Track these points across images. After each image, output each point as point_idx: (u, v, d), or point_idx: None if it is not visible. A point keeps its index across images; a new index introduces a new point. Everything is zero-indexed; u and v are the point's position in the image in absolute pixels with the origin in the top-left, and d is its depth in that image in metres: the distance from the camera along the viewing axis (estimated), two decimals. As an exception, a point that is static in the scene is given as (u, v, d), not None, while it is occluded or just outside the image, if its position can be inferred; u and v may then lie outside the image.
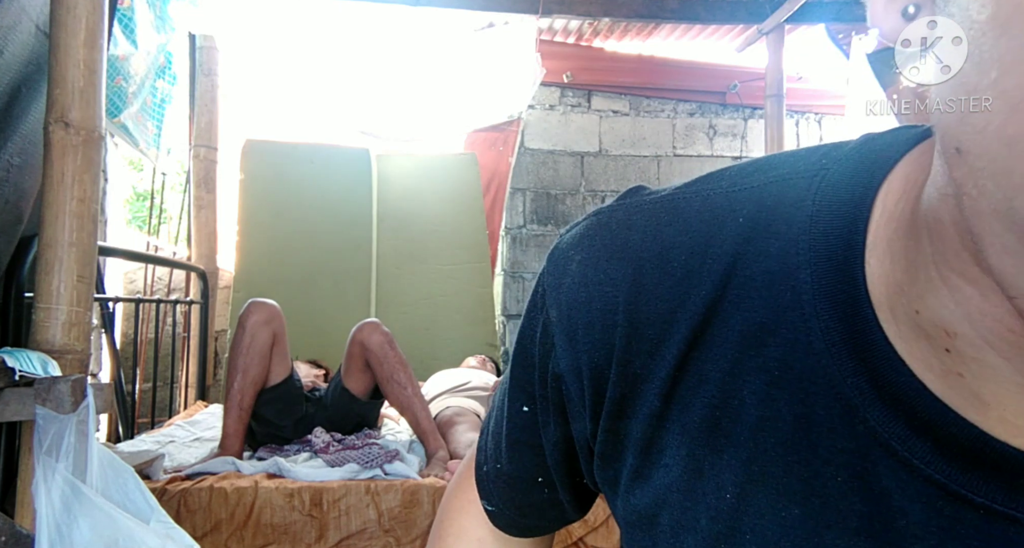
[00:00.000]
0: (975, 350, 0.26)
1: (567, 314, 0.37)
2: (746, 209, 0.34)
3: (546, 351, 0.39)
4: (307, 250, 3.49)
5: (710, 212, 0.35)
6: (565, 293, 0.38)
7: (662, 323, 0.35)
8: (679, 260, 0.35)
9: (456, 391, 2.64)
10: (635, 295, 0.35)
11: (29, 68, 1.58)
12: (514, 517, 0.49)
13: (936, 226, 0.26)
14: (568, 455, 0.43)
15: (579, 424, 0.40)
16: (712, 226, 0.35)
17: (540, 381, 0.41)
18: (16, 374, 1.23)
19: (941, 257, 0.26)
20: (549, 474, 0.45)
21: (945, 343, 0.27)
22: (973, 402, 0.27)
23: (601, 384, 0.37)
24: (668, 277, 0.35)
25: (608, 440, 0.38)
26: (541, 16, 3.52)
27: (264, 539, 1.66)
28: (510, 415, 0.45)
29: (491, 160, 4.03)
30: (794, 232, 0.32)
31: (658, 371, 0.35)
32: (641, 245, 0.36)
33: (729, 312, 0.33)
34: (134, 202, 7.35)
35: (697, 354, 0.34)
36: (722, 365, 0.33)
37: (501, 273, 4.27)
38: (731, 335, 0.33)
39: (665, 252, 0.35)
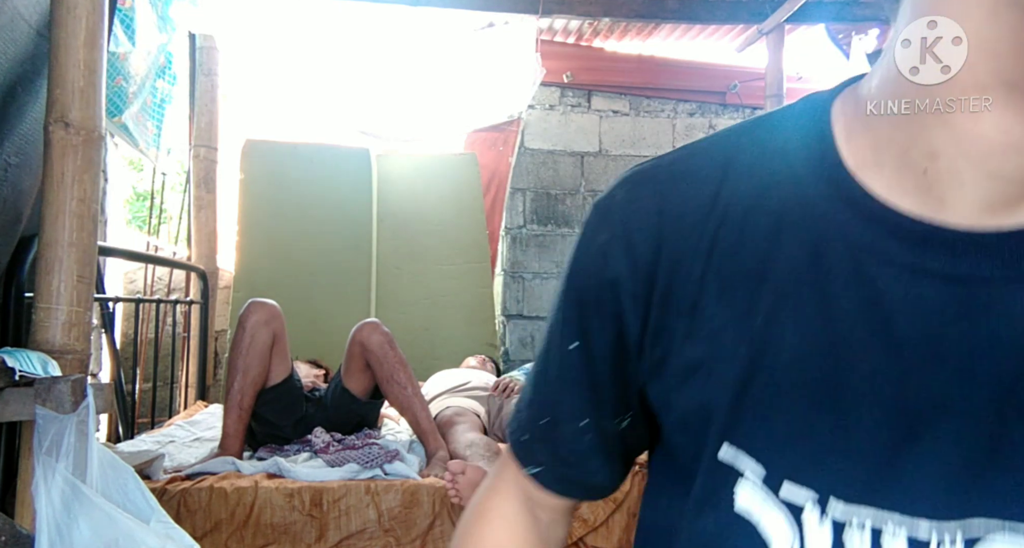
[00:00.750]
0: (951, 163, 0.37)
1: (623, 228, 0.46)
2: (737, 133, 0.48)
3: (600, 267, 0.47)
4: (307, 250, 3.48)
5: (708, 143, 0.48)
6: (617, 215, 0.47)
7: (694, 217, 0.45)
8: (699, 175, 0.46)
9: (456, 391, 2.64)
10: (671, 203, 0.46)
11: (25, 67, 1.58)
12: (560, 470, 0.52)
13: None
14: (616, 364, 0.48)
15: (631, 317, 0.47)
16: (712, 152, 0.47)
17: (595, 300, 0.48)
18: (16, 374, 1.23)
19: None
20: (594, 412, 0.50)
21: (926, 165, 0.38)
22: (936, 207, 0.39)
23: (652, 274, 0.45)
24: (692, 186, 0.46)
25: (659, 317, 0.45)
26: (541, 16, 3.52)
27: (264, 539, 1.66)
28: (559, 358, 0.50)
29: (491, 160, 4.03)
30: (780, 140, 0.45)
31: (698, 249, 0.44)
32: (669, 173, 0.47)
33: (737, 191, 0.44)
34: (134, 202, 7.35)
35: (723, 229, 0.44)
36: (741, 226, 0.43)
37: (501, 273, 4.27)
38: (741, 205, 0.44)
39: (688, 173, 0.47)
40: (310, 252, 3.49)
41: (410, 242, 3.67)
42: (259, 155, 3.61)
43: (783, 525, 0.41)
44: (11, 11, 1.49)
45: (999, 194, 0.37)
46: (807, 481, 0.40)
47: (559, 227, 4.32)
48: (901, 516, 0.38)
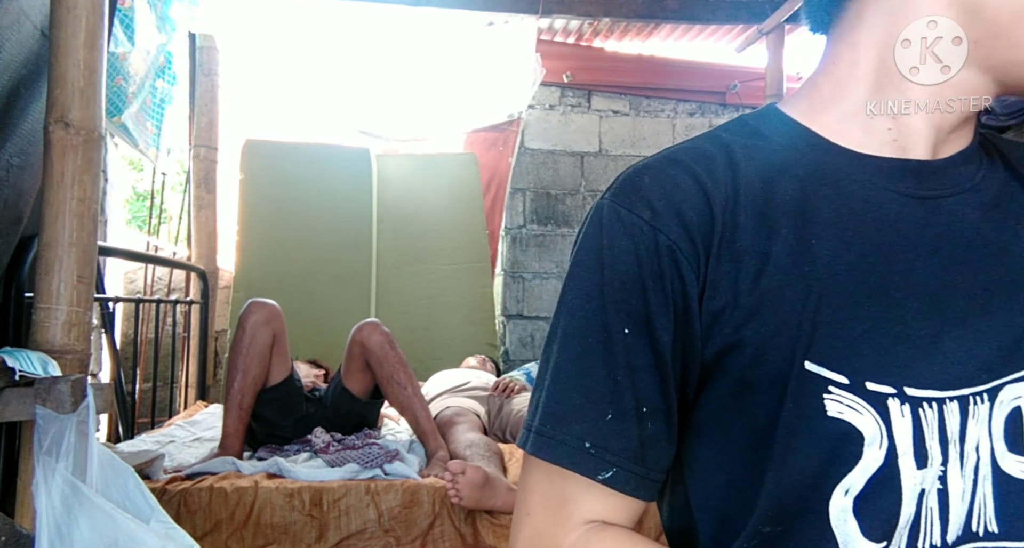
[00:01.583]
0: (907, 121, 0.54)
1: (666, 202, 0.52)
2: (712, 134, 0.58)
3: (651, 241, 0.51)
4: (307, 250, 3.48)
5: (691, 142, 0.57)
6: (654, 193, 0.52)
7: (724, 182, 0.53)
8: (709, 155, 0.55)
9: (456, 391, 2.64)
10: (701, 174, 0.53)
11: (28, 68, 1.58)
12: (629, 466, 0.51)
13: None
14: (678, 334, 0.51)
15: (691, 277, 0.51)
16: (703, 144, 0.56)
17: (652, 274, 0.51)
18: (16, 374, 1.23)
19: (902, 83, 0.54)
20: (658, 392, 0.52)
21: (889, 125, 0.54)
22: (898, 149, 0.54)
23: (707, 234, 0.51)
24: (710, 161, 0.54)
25: (716, 269, 0.51)
26: (541, 16, 3.52)
27: (264, 539, 1.66)
28: (609, 348, 0.51)
29: (491, 160, 4.03)
30: (755, 128, 0.58)
31: (739, 205, 0.52)
32: (682, 156, 0.55)
33: (748, 162, 0.55)
34: (134, 202, 7.35)
35: (750, 188, 0.53)
36: (766, 184, 0.53)
37: (501, 273, 4.27)
38: (759, 172, 0.54)
39: (699, 155, 0.55)
40: (310, 252, 3.49)
41: (410, 242, 3.67)
42: (259, 155, 3.61)
43: (871, 420, 0.47)
44: (16, 11, 1.49)
45: (937, 137, 0.54)
46: (884, 378, 0.48)
47: (559, 227, 4.32)
48: (953, 391, 0.48)
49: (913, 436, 0.48)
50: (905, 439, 0.48)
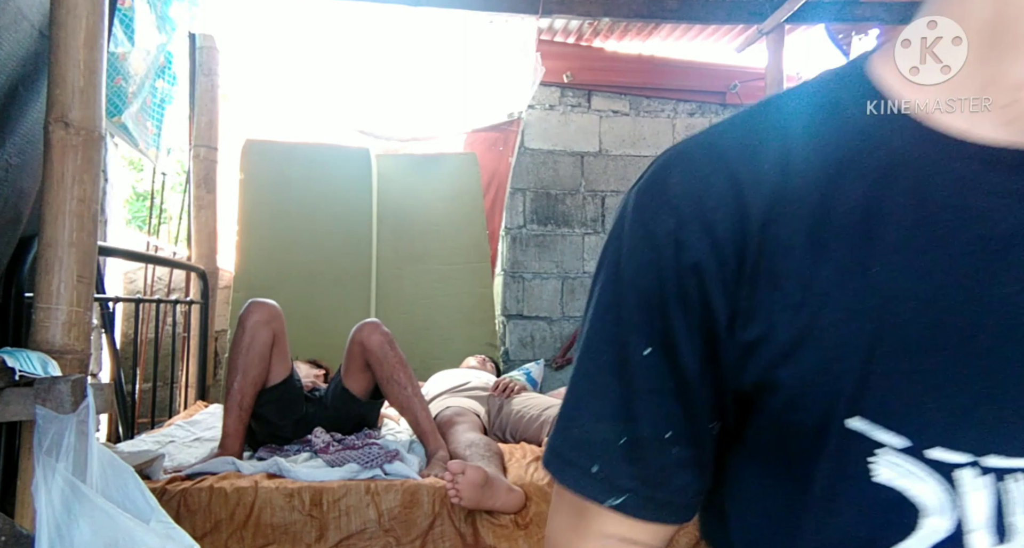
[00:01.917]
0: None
1: (694, 208, 0.43)
2: (775, 105, 0.47)
3: (674, 256, 0.44)
4: (307, 250, 3.48)
5: (747, 116, 0.46)
6: (682, 197, 0.44)
7: (771, 184, 0.43)
8: (761, 142, 0.44)
9: (456, 391, 2.64)
10: (742, 173, 0.43)
11: (27, 68, 1.58)
12: (647, 492, 0.46)
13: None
14: (705, 359, 0.45)
15: (719, 302, 0.43)
16: (759, 122, 0.46)
17: (675, 294, 0.44)
18: (16, 374, 1.23)
19: None
20: (682, 420, 0.46)
21: (1014, 97, 0.39)
22: (1020, 133, 0.40)
23: (740, 251, 0.43)
24: (758, 153, 0.44)
25: (750, 294, 0.43)
26: (541, 16, 3.52)
27: (264, 539, 1.66)
28: (627, 368, 0.45)
29: (491, 160, 4.03)
30: (825, 102, 0.45)
31: (784, 215, 0.42)
32: (726, 144, 0.45)
33: (806, 154, 0.43)
34: (134, 202, 7.34)
35: (805, 191, 0.43)
36: (825, 185, 0.42)
37: (501, 273, 4.27)
38: (817, 166, 0.43)
39: (748, 142, 0.44)
40: (310, 252, 3.48)
41: (410, 242, 3.67)
42: (259, 155, 3.61)
43: (935, 489, 0.39)
44: (14, 11, 1.49)
45: None
46: (959, 444, 0.39)
47: (559, 227, 4.32)
48: None
49: (992, 510, 0.39)
50: (980, 513, 0.39)
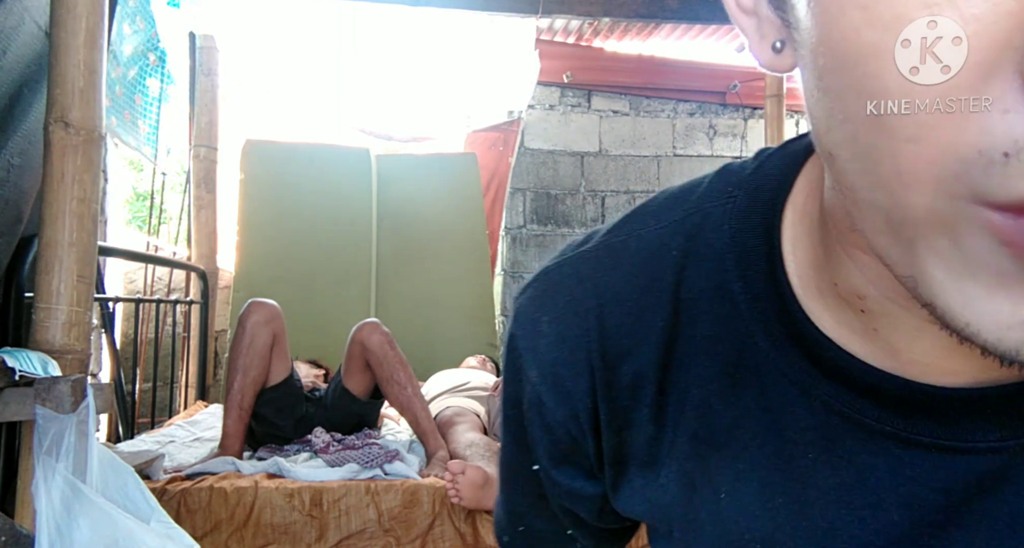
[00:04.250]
0: (880, 307, 0.30)
1: (551, 371, 0.40)
2: (676, 241, 0.38)
3: (538, 408, 0.42)
4: (307, 250, 3.48)
5: (647, 250, 0.39)
6: (544, 353, 0.40)
7: (634, 357, 0.38)
8: (632, 298, 0.38)
9: (456, 391, 2.64)
10: (604, 338, 0.39)
11: (31, 68, 1.58)
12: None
13: (834, 212, 0.31)
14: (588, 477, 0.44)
15: (588, 450, 0.42)
16: (652, 263, 0.38)
17: (547, 441, 0.42)
18: (16, 374, 1.23)
19: (842, 236, 0.30)
20: (574, 522, 0.47)
21: (860, 305, 0.31)
22: (889, 351, 0.31)
23: (597, 426, 0.40)
24: (628, 315, 0.38)
25: (613, 474, 0.41)
26: (541, 16, 3.52)
27: (264, 539, 1.66)
28: (522, 477, 0.46)
29: (491, 160, 4.03)
30: (720, 252, 0.36)
31: (644, 400, 0.38)
32: (596, 292, 0.39)
33: (685, 333, 0.37)
34: (134, 202, 7.34)
35: (670, 377, 0.37)
36: (692, 381, 0.37)
37: (501, 273, 4.27)
38: (692, 353, 0.37)
39: (619, 294, 0.39)
40: (310, 252, 3.49)
41: (410, 242, 3.67)
42: (259, 155, 3.61)
43: None
44: (20, 12, 1.49)
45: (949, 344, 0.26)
46: None
47: (559, 227, 4.32)
48: None
49: None
50: None
